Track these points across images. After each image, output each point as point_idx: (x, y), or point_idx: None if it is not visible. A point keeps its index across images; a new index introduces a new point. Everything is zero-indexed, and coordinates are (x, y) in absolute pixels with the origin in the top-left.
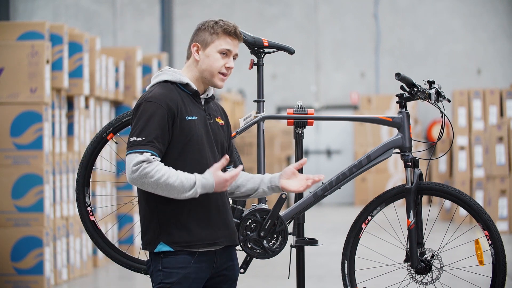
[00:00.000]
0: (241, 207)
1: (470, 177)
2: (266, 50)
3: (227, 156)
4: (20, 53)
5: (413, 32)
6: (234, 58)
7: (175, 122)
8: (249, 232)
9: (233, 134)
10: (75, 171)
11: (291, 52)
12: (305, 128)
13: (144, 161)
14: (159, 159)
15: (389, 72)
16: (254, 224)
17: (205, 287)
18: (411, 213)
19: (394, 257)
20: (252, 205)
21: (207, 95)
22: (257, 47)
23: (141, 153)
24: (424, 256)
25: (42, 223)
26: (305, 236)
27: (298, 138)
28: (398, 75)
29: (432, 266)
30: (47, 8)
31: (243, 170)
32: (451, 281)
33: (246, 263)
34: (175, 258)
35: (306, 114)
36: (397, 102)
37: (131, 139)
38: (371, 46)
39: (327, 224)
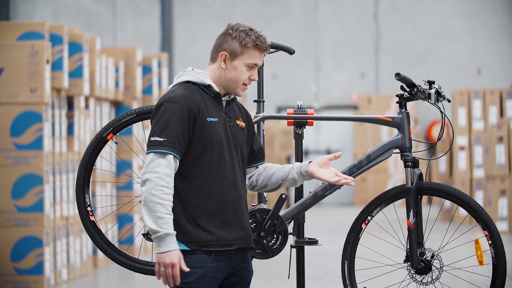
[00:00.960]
0: None
1: (470, 177)
2: None
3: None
4: (20, 53)
5: (413, 32)
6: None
7: (196, 123)
8: None
9: None
10: (75, 171)
11: (291, 52)
12: (305, 128)
13: (165, 172)
14: (178, 160)
15: (389, 72)
16: (254, 224)
17: (220, 287)
18: (411, 213)
19: (394, 257)
20: (252, 205)
21: (229, 97)
22: None
23: (163, 154)
24: (424, 256)
25: (42, 223)
26: (305, 236)
27: (298, 138)
28: (398, 75)
29: (432, 266)
30: (47, 8)
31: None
32: (451, 281)
33: None
34: (192, 258)
35: (306, 114)
36: (397, 102)
37: (153, 139)
38: (371, 46)
39: (327, 224)
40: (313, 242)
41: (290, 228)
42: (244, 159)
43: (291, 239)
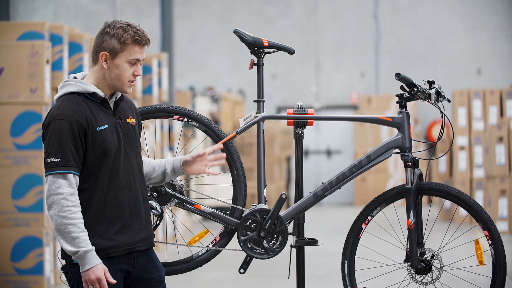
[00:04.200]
0: (241, 207)
1: (470, 177)
2: (266, 50)
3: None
4: (20, 53)
5: (413, 32)
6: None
7: (87, 135)
8: (249, 232)
9: (233, 134)
10: None
11: (291, 52)
12: (305, 128)
13: (68, 192)
14: (78, 176)
15: (389, 72)
16: (254, 224)
17: None
18: (411, 213)
19: (394, 257)
20: (252, 205)
21: (116, 97)
22: (257, 47)
23: (62, 174)
24: (424, 256)
25: (42, 223)
26: (305, 236)
27: (298, 138)
28: (398, 75)
29: (432, 266)
30: (47, 8)
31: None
32: (451, 281)
33: (246, 263)
34: None
35: (306, 114)
36: (397, 102)
37: (49, 160)
38: (371, 46)
39: (327, 224)
40: (313, 242)
41: (290, 228)
42: (140, 155)
43: (291, 239)
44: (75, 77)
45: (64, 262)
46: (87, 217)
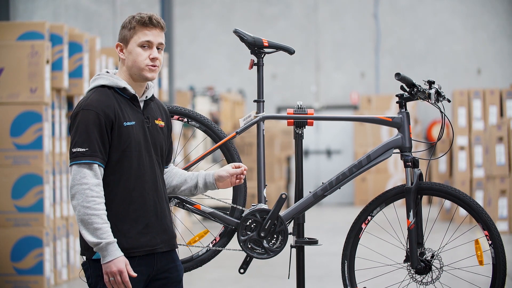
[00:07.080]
0: (241, 207)
1: (470, 177)
2: (266, 50)
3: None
4: (20, 53)
5: (413, 32)
6: (159, 48)
7: (114, 128)
8: (249, 232)
9: (233, 134)
10: None
11: (291, 52)
12: (305, 128)
13: (93, 182)
14: (103, 169)
15: (389, 72)
16: (254, 224)
17: None
18: (411, 213)
19: (394, 257)
20: (252, 205)
21: (146, 97)
22: (257, 47)
23: (87, 164)
24: (424, 256)
25: (42, 223)
26: (305, 236)
27: (298, 138)
28: (398, 75)
29: (432, 266)
30: (47, 8)
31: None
32: (451, 281)
33: (246, 263)
34: None
35: (306, 114)
36: (397, 102)
37: (74, 150)
38: (371, 46)
39: (327, 224)
40: (313, 242)
41: (290, 228)
42: (164, 159)
43: (291, 239)
44: (107, 72)
45: (84, 258)
46: (110, 213)
